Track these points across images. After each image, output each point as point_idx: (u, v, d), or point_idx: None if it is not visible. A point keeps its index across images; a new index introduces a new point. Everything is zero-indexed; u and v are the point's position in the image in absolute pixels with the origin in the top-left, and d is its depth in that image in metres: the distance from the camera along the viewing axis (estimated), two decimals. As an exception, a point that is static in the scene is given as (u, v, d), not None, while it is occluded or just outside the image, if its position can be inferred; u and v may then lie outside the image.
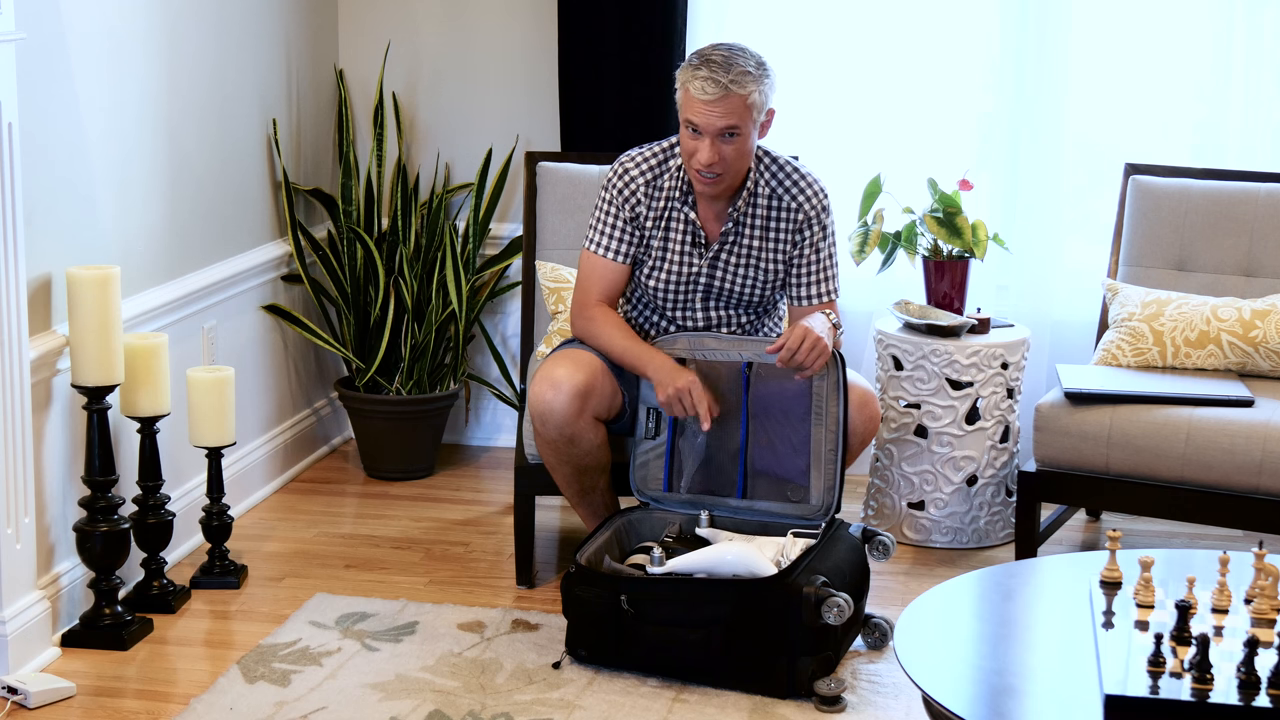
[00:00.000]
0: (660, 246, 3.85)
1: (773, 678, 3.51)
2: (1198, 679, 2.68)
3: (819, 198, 3.85)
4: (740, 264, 3.84)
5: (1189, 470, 3.96)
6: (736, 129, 3.69)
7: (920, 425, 4.43)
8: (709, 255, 3.83)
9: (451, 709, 3.45)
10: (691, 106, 3.71)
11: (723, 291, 3.87)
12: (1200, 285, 4.37)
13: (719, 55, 3.71)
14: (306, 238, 4.94)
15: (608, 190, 3.88)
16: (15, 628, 3.54)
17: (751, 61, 3.72)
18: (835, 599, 3.45)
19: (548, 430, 3.81)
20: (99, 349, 3.67)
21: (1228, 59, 4.73)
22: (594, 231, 3.90)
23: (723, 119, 3.68)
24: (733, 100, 3.68)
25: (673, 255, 3.84)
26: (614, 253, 3.87)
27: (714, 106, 3.68)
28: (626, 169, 3.88)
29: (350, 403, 4.99)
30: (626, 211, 3.85)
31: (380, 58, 5.12)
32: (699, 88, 3.68)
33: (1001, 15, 4.80)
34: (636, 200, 3.84)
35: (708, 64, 3.69)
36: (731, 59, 3.70)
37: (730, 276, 3.85)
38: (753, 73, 3.70)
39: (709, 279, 3.86)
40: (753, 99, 3.70)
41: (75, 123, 3.85)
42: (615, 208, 3.86)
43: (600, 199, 3.90)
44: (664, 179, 3.84)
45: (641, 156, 3.89)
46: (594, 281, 3.90)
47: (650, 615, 3.55)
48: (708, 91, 3.67)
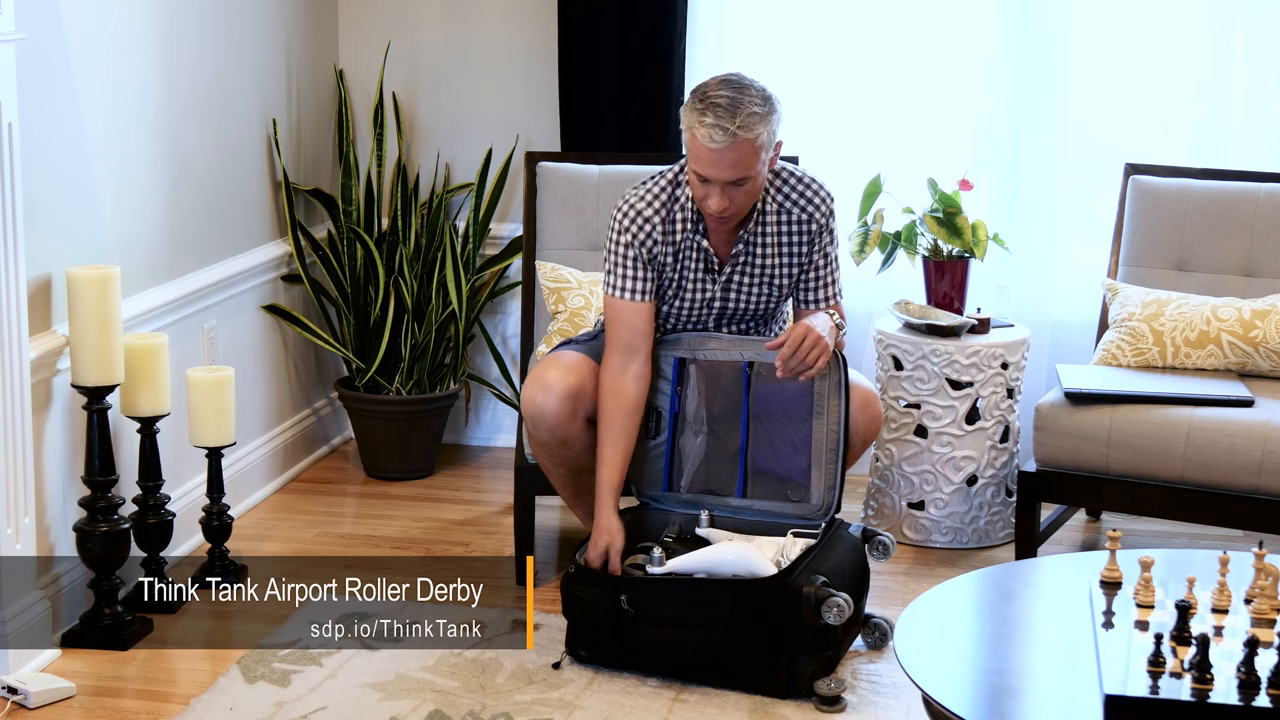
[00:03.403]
0: (675, 277, 3.79)
1: (773, 678, 3.51)
2: (1198, 679, 2.68)
3: (827, 204, 3.76)
4: (753, 282, 3.79)
5: (1189, 470, 3.96)
6: (744, 178, 3.58)
7: (920, 425, 4.43)
8: (721, 279, 3.78)
9: (451, 709, 3.45)
10: (699, 156, 3.56)
11: (736, 311, 3.83)
12: (1200, 285, 4.37)
13: (723, 97, 3.53)
14: (306, 238, 4.93)
15: (622, 234, 3.74)
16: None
17: (757, 98, 3.55)
18: (835, 599, 3.45)
19: (540, 433, 3.80)
20: (99, 349, 3.67)
21: (1228, 59, 4.73)
22: (613, 276, 3.76)
23: (731, 169, 3.54)
24: (741, 147, 3.52)
25: (687, 284, 3.79)
26: (638, 294, 3.75)
27: (722, 155, 3.53)
28: (640, 211, 3.73)
29: (350, 403, 4.99)
30: (644, 254, 3.73)
31: (380, 58, 5.12)
32: (706, 135, 3.52)
33: (1001, 15, 4.80)
34: (654, 242, 3.73)
35: (713, 109, 3.52)
36: (738, 101, 3.52)
37: (744, 296, 3.80)
38: (759, 112, 3.54)
39: (723, 301, 3.81)
40: (761, 140, 3.54)
41: (75, 123, 3.85)
42: (634, 251, 3.73)
43: (613, 241, 3.75)
44: (675, 213, 3.73)
45: (651, 195, 3.75)
46: (620, 328, 3.77)
47: (650, 615, 3.55)
48: (715, 140, 3.51)
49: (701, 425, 3.85)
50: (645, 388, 3.77)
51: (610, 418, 3.74)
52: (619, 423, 3.74)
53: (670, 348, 3.84)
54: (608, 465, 3.74)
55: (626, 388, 3.74)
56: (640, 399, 3.76)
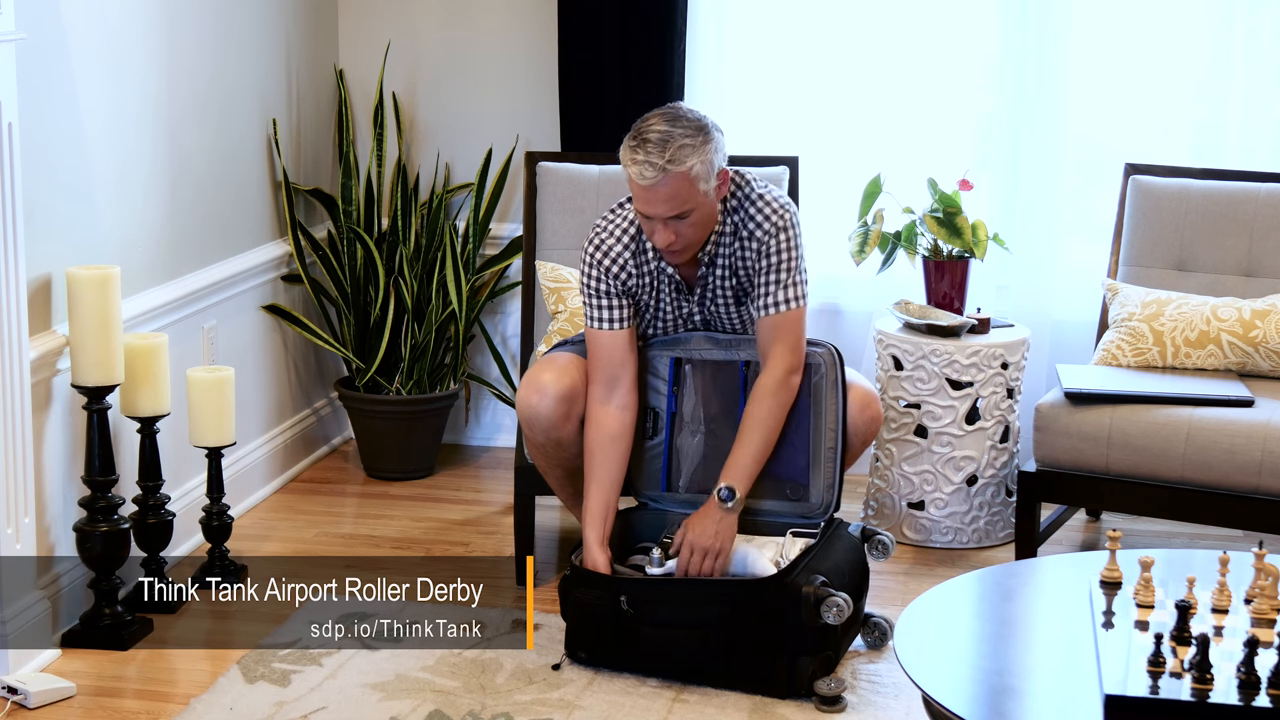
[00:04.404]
0: (651, 300, 3.79)
1: (772, 678, 3.51)
2: (1198, 679, 2.68)
3: (777, 215, 3.66)
4: (725, 299, 3.77)
5: (1189, 470, 3.96)
6: (685, 212, 3.55)
7: (920, 425, 4.43)
8: (695, 298, 3.78)
9: (451, 709, 3.45)
10: (635, 193, 3.56)
11: (720, 325, 3.82)
12: (1200, 285, 4.37)
13: (655, 133, 3.51)
14: (306, 238, 4.93)
15: (593, 268, 3.74)
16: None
17: (690, 128, 3.52)
18: (834, 599, 3.45)
19: (535, 435, 3.80)
20: (99, 349, 3.67)
21: (1228, 59, 4.72)
22: (589, 308, 3.77)
23: (667, 204, 3.52)
24: (674, 180, 3.50)
25: (665, 305, 3.79)
26: (614, 322, 3.75)
27: (655, 191, 3.51)
28: (610, 246, 3.73)
29: (350, 403, 4.99)
30: (617, 286, 3.74)
31: (380, 58, 5.12)
32: (638, 172, 3.51)
33: (1001, 15, 4.80)
34: (627, 275, 3.73)
35: (644, 145, 3.50)
36: (669, 136, 3.50)
37: (720, 310, 3.78)
38: (690, 143, 3.50)
39: (703, 315, 3.81)
40: (695, 171, 3.51)
41: (75, 123, 3.85)
42: (604, 285, 3.74)
43: (585, 275, 3.75)
44: (644, 242, 3.72)
45: (620, 229, 3.73)
46: (600, 360, 3.76)
47: (650, 616, 3.55)
48: (646, 176, 3.49)
49: (699, 425, 3.85)
50: (630, 418, 3.77)
51: (591, 450, 3.75)
52: (600, 455, 3.74)
53: (665, 348, 3.84)
54: (591, 497, 3.73)
55: (609, 419, 3.74)
56: (624, 429, 3.75)
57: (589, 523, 3.72)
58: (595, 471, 3.74)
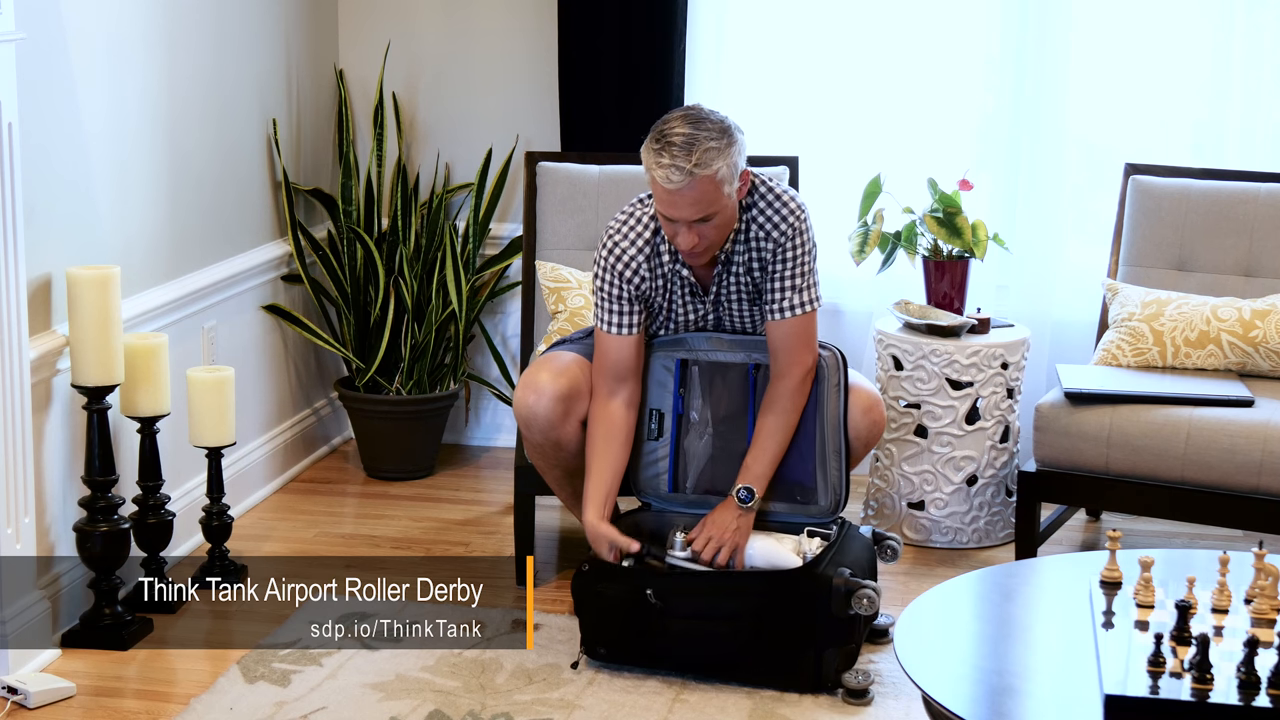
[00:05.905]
0: (664, 302, 3.77)
1: (798, 670, 3.51)
2: (1198, 679, 2.68)
3: (794, 215, 3.66)
4: (739, 299, 3.76)
5: (1189, 470, 3.96)
6: (710, 215, 3.54)
7: (920, 425, 4.43)
8: (709, 300, 3.77)
9: (451, 709, 3.45)
10: (660, 196, 3.52)
11: (733, 328, 3.82)
12: (1200, 285, 4.37)
13: (679, 135, 3.47)
14: (306, 238, 4.94)
15: (607, 272, 3.72)
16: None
17: (714, 131, 3.49)
18: (865, 589, 3.47)
19: (533, 435, 3.80)
20: (99, 349, 3.67)
21: (1228, 59, 4.72)
22: (601, 310, 3.74)
23: (693, 208, 3.49)
24: (700, 184, 3.47)
25: (678, 308, 3.77)
26: (625, 327, 3.74)
27: (682, 195, 3.48)
28: (623, 249, 3.71)
29: (350, 403, 4.99)
30: (630, 290, 3.72)
31: (380, 58, 5.12)
32: (664, 175, 3.47)
33: (1001, 15, 4.80)
34: (640, 279, 3.71)
35: (669, 148, 3.47)
36: (694, 139, 3.47)
37: (735, 311, 3.77)
38: (716, 146, 3.48)
39: (716, 319, 3.81)
40: (721, 174, 3.49)
41: (75, 123, 3.85)
42: (618, 288, 3.72)
43: (599, 279, 3.73)
44: (659, 244, 3.71)
45: (634, 231, 3.71)
46: (608, 358, 3.76)
47: (677, 609, 3.54)
48: (673, 180, 3.46)
49: (706, 426, 3.84)
50: (634, 415, 3.78)
51: (594, 440, 3.74)
52: (603, 444, 3.74)
53: (670, 348, 3.83)
54: (592, 482, 3.73)
55: (615, 413, 3.75)
56: (629, 424, 3.76)
57: (589, 503, 3.70)
58: (595, 461, 3.73)
